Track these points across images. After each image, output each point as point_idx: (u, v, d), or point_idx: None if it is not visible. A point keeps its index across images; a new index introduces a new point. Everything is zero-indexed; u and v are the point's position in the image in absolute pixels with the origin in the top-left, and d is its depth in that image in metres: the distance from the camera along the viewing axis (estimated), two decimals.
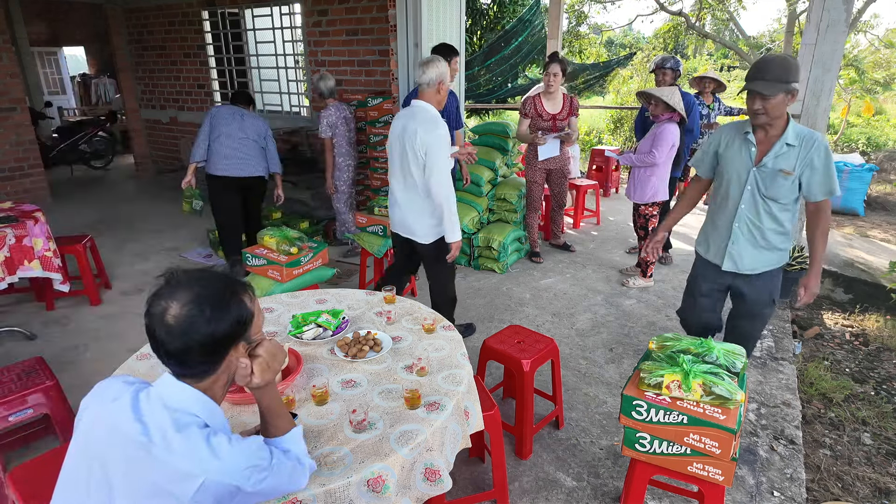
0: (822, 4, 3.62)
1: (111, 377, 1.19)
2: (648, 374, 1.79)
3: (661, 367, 1.80)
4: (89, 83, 12.08)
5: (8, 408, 2.13)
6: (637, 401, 1.77)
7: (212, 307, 1.09)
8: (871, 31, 13.76)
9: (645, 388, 1.79)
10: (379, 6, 5.11)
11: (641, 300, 4.00)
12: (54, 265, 3.50)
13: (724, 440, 1.66)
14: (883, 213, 6.66)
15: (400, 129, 2.75)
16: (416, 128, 2.64)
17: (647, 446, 1.80)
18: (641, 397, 1.76)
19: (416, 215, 2.83)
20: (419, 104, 2.75)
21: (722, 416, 1.67)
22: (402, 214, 2.88)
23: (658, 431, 1.76)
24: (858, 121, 11.98)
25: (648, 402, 1.74)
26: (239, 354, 1.17)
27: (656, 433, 1.76)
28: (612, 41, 26.23)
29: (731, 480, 1.72)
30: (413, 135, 2.64)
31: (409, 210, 2.84)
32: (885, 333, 3.69)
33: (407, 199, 2.83)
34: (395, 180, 2.87)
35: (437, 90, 2.75)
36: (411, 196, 2.81)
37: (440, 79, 2.74)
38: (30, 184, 6.49)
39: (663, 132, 3.78)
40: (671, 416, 1.72)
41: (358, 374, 1.79)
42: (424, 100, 2.76)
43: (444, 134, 2.66)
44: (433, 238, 2.85)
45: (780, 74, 2.11)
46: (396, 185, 2.87)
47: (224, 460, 1.05)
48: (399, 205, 2.88)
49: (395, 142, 2.80)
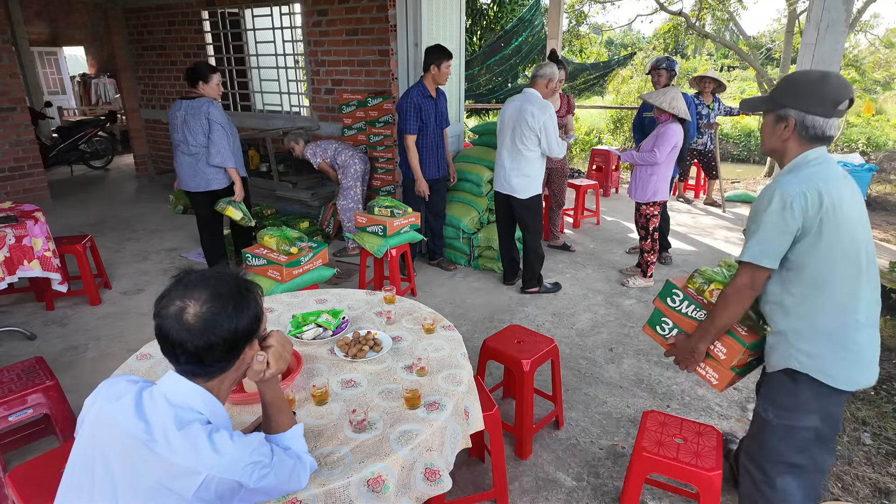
0: (822, 4, 3.62)
1: (114, 376, 1.19)
2: (699, 276, 1.93)
3: (714, 277, 1.91)
4: (89, 83, 12.07)
5: (8, 408, 2.13)
6: (676, 289, 1.94)
7: (234, 304, 1.12)
8: (871, 31, 13.77)
9: (690, 285, 1.94)
10: (379, 6, 5.11)
11: (641, 300, 4.00)
12: (54, 265, 3.50)
13: (733, 349, 1.78)
14: (883, 213, 6.66)
15: (515, 110, 3.64)
16: (532, 109, 3.56)
17: (665, 330, 1.99)
18: (683, 289, 1.93)
19: (517, 174, 3.76)
20: (532, 91, 3.67)
21: (744, 332, 1.78)
22: (506, 174, 3.81)
23: (682, 322, 1.93)
24: (858, 121, 11.98)
25: (686, 295, 1.91)
26: (254, 351, 1.21)
27: (679, 323, 1.94)
28: (612, 41, 26.24)
29: (722, 387, 1.85)
30: (530, 114, 3.56)
31: (512, 172, 3.77)
32: (884, 333, 3.68)
33: (512, 163, 3.75)
34: (503, 147, 3.80)
35: (545, 84, 3.69)
36: (515, 161, 3.73)
37: (550, 77, 3.69)
38: (30, 184, 6.49)
39: (666, 132, 3.79)
40: (699, 314, 1.89)
41: (358, 374, 1.79)
42: (536, 89, 3.68)
43: (553, 114, 3.63)
44: (528, 195, 3.79)
45: (775, 90, 1.65)
46: (506, 153, 3.78)
47: (226, 456, 1.06)
48: (505, 168, 3.81)
49: (508, 119, 3.70)
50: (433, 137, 4.12)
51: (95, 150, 8.75)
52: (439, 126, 4.17)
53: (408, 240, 3.80)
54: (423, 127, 4.04)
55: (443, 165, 4.30)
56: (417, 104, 3.95)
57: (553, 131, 3.63)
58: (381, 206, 3.73)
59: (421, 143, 4.07)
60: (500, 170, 3.87)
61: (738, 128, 12.14)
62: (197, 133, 3.64)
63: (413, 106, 3.94)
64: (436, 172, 4.23)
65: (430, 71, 3.92)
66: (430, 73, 3.94)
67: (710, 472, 1.79)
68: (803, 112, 1.58)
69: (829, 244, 1.56)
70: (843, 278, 1.58)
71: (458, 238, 4.57)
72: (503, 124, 3.75)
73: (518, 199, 3.82)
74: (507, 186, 3.83)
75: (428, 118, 4.03)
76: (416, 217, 3.85)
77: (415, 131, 4.00)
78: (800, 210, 1.53)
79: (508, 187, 3.83)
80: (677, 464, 1.84)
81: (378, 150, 5.16)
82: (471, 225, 4.50)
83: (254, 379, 1.26)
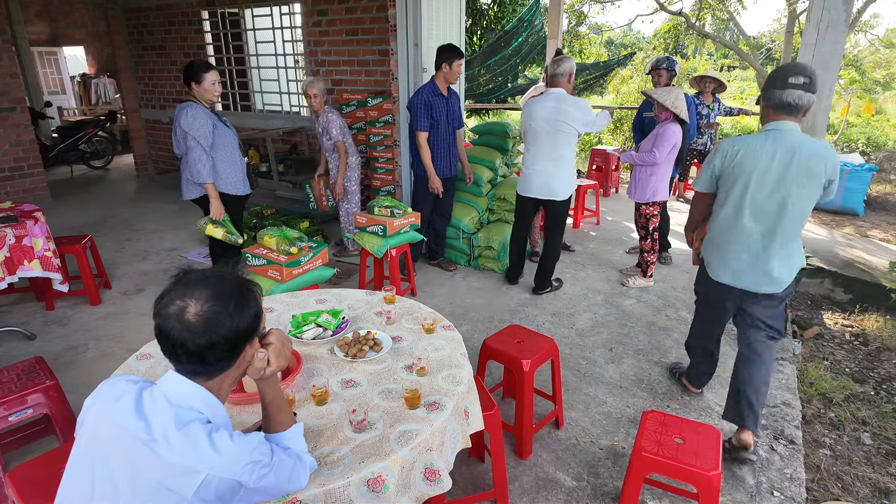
0: (822, 4, 3.62)
1: (115, 376, 1.19)
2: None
3: None
4: (89, 83, 12.07)
5: (8, 408, 2.13)
6: None
7: (235, 303, 1.13)
8: (871, 31, 13.77)
9: None
10: (379, 6, 5.11)
11: (641, 300, 4.00)
12: (54, 265, 3.50)
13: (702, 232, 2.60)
14: (883, 213, 6.66)
15: (550, 112, 3.56)
16: (567, 108, 3.53)
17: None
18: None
19: (558, 177, 3.69)
20: (558, 91, 3.62)
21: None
22: (547, 179, 3.71)
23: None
24: (858, 121, 11.98)
25: None
26: (254, 349, 1.22)
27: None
28: (612, 41, 26.24)
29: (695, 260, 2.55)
30: (566, 113, 3.53)
31: (554, 174, 3.69)
32: (884, 333, 3.69)
33: (555, 168, 3.68)
34: (540, 152, 3.67)
35: (568, 79, 3.63)
36: (558, 166, 3.67)
37: (570, 71, 3.62)
38: (30, 184, 6.49)
39: (665, 132, 3.78)
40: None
41: (358, 374, 1.80)
42: (560, 87, 3.61)
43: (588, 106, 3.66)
44: (568, 194, 3.78)
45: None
46: (542, 155, 3.66)
47: (225, 456, 1.06)
48: (542, 172, 3.71)
49: (542, 121, 3.59)
50: (444, 136, 4.12)
51: (95, 150, 8.75)
52: (451, 125, 4.16)
53: (408, 240, 3.80)
54: (434, 125, 4.04)
55: (454, 165, 4.30)
56: (428, 101, 3.96)
57: (595, 118, 3.61)
58: (381, 206, 3.73)
59: (432, 141, 4.07)
60: (537, 176, 3.73)
61: (739, 128, 12.13)
62: (178, 139, 3.41)
63: (423, 103, 3.95)
64: (447, 171, 4.23)
65: (442, 69, 3.93)
66: (441, 71, 3.95)
67: (709, 472, 1.79)
68: (766, 89, 2.20)
69: (728, 184, 2.30)
70: (729, 208, 2.32)
71: (458, 238, 4.57)
72: (535, 128, 3.64)
73: (558, 202, 3.77)
74: (547, 191, 3.74)
75: (439, 116, 4.03)
76: (417, 217, 3.85)
77: (426, 128, 4.00)
78: (720, 159, 2.31)
79: (549, 191, 3.73)
80: (677, 464, 1.84)
81: (378, 150, 5.16)
82: (471, 225, 4.50)
83: (255, 377, 1.26)
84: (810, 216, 2.52)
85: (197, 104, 3.37)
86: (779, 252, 2.27)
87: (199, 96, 3.40)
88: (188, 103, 3.37)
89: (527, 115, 3.71)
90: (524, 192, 3.87)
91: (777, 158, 2.16)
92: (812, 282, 4.33)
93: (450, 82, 4.03)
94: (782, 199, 2.18)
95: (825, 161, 2.11)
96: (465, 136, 5.63)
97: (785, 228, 2.23)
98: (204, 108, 3.40)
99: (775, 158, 2.16)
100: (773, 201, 2.20)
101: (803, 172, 2.13)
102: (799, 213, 2.20)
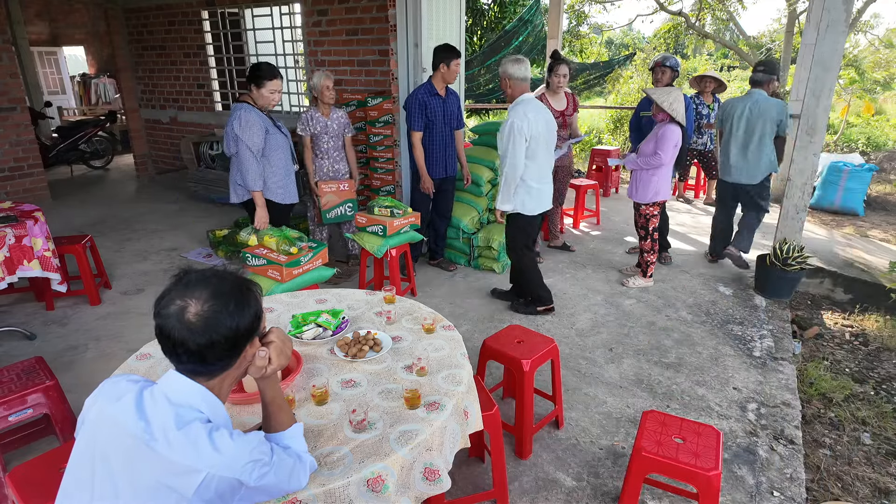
0: (822, 4, 3.63)
1: (115, 376, 1.20)
2: None
3: None
4: (89, 83, 12.08)
5: (8, 408, 2.13)
6: None
7: (235, 302, 1.13)
8: (871, 31, 13.78)
9: None
10: (379, 6, 5.11)
11: (641, 300, 4.00)
12: (53, 265, 3.50)
13: None
14: (883, 213, 6.66)
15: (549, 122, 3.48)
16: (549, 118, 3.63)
17: None
18: None
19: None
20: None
21: None
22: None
23: None
24: (858, 121, 11.98)
25: None
26: (254, 348, 1.22)
27: None
28: (612, 41, 26.24)
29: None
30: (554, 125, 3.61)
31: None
32: (884, 333, 3.69)
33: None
34: (547, 166, 3.57)
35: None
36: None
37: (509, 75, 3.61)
38: (29, 184, 6.49)
39: (665, 133, 3.78)
40: None
41: (358, 374, 1.80)
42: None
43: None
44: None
45: None
46: (547, 167, 3.57)
47: (226, 454, 1.06)
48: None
49: (544, 131, 3.41)
50: (440, 136, 4.11)
51: (95, 150, 8.75)
52: (447, 125, 4.14)
53: (407, 240, 3.80)
54: (430, 125, 4.03)
55: (451, 166, 4.28)
56: (423, 101, 3.96)
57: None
58: (381, 206, 3.73)
59: (427, 140, 4.07)
60: (549, 188, 3.57)
61: None
62: (229, 140, 3.32)
63: (418, 103, 3.95)
64: (442, 172, 4.22)
65: (440, 69, 3.93)
66: (439, 71, 3.94)
67: (709, 472, 1.79)
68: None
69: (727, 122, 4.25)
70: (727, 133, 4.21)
71: (458, 238, 4.57)
72: (539, 138, 3.36)
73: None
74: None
75: (434, 116, 4.02)
76: (416, 217, 3.84)
77: (420, 128, 4.00)
78: (720, 112, 4.35)
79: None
80: (676, 464, 1.84)
81: (378, 150, 5.16)
82: (471, 225, 4.50)
83: (255, 375, 1.27)
84: (810, 216, 2.54)
85: (251, 107, 3.28)
86: (752, 157, 4.23)
87: (256, 100, 3.31)
88: (243, 105, 3.27)
89: (533, 125, 3.36)
90: (542, 209, 3.60)
91: (748, 107, 4.16)
92: (812, 282, 4.33)
93: (448, 82, 4.03)
94: (752, 127, 4.16)
95: (776, 108, 4.08)
96: (465, 136, 5.63)
97: (755, 143, 4.18)
98: (258, 111, 3.31)
99: (747, 107, 4.17)
100: (750, 129, 4.18)
101: (762, 114, 4.10)
102: (762, 134, 4.16)
